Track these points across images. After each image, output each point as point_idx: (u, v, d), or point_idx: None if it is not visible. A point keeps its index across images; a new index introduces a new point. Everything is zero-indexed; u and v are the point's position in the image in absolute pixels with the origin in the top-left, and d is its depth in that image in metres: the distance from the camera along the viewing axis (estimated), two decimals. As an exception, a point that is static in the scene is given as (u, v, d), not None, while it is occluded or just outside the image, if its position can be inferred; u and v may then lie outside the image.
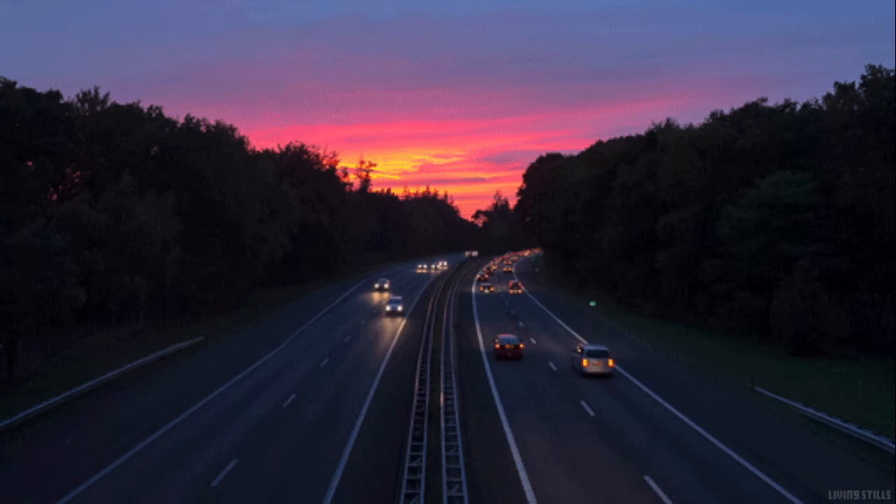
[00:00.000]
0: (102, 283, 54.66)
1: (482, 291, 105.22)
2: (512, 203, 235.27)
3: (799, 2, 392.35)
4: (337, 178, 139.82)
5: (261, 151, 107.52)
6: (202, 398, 36.46)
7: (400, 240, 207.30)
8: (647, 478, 24.24)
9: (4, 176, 51.53)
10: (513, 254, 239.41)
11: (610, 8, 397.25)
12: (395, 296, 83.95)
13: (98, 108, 70.08)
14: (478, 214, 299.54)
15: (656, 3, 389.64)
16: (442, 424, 28.96)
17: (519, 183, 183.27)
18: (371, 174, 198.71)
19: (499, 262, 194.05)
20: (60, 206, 55.85)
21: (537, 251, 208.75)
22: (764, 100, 71.22)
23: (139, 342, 54.33)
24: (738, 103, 79.61)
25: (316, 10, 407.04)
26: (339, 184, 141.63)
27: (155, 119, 75.15)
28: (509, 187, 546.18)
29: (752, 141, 65.30)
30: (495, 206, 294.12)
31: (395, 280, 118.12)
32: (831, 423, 31.18)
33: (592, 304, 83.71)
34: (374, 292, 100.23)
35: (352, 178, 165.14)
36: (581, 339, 55.07)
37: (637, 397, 37.55)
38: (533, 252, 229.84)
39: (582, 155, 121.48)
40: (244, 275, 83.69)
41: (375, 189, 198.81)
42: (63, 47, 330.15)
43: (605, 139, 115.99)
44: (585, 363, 42.21)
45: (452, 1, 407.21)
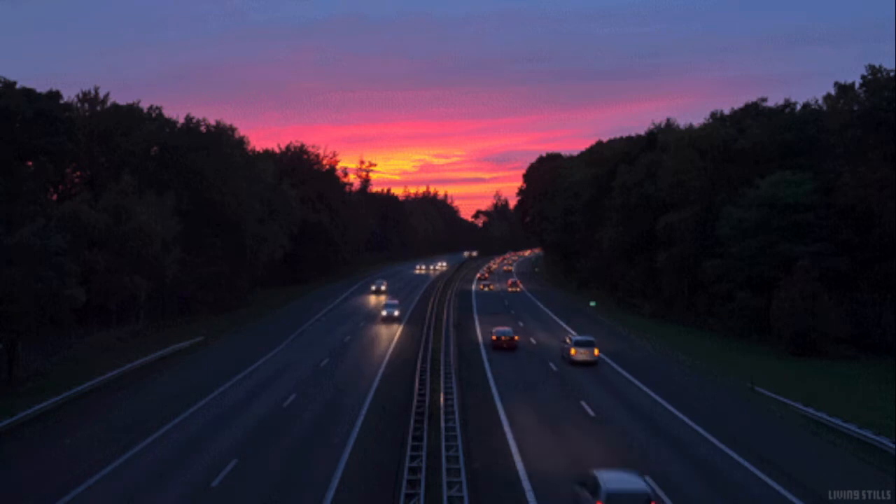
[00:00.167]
0: (102, 283, 54.64)
1: (482, 289, 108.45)
2: (512, 203, 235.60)
3: (799, 2, 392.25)
4: (337, 178, 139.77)
5: (261, 151, 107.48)
6: (202, 398, 36.45)
7: (400, 240, 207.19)
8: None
9: (4, 176, 51.52)
10: (513, 254, 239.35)
11: (610, 8, 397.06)
12: (392, 300, 79.10)
13: (98, 108, 70.07)
14: (478, 214, 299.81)
15: (656, 3, 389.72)
16: (442, 424, 28.97)
17: (519, 183, 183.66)
18: (371, 174, 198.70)
19: (499, 262, 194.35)
20: (60, 206, 55.83)
21: (537, 251, 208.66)
22: (764, 100, 71.33)
23: (139, 342, 54.33)
24: (738, 103, 79.64)
25: (316, 10, 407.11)
26: (339, 184, 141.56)
27: (155, 119, 75.13)
28: (509, 187, 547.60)
29: (752, 141, 65.30)
30: (495, 206, 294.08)
31: (394, 281, 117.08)
32: (831, 423, 31.20)
33: (592, 304, 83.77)
34: (371, 294, 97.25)
35: (352, 178, 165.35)
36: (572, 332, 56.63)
37: (637, 397, 37.58)
38: (533, 252, 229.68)
39: (582, 155, 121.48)
40: (244, 275, 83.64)
41: (375, 189, 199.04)
42: (63, 47, 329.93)
43: (605, 139, 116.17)
44: (573, 352, 46.17)
45: (452, 1, 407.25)
